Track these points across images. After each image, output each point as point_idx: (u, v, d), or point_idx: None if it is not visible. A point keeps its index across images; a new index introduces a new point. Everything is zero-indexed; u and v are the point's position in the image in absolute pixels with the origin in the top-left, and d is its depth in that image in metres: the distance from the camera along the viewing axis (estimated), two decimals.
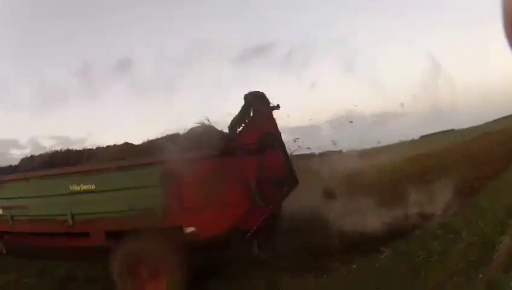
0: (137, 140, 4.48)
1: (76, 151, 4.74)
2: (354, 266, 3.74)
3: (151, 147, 4.22)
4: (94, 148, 4.76)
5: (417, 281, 2.89)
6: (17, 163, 4.85)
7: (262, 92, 3.84)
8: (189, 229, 3.51)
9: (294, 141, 4.51)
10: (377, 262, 3.65)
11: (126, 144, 4.71)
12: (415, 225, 4.54)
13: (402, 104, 5.82)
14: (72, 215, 3.82)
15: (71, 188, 3.81)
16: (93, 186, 3.75)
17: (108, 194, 3.71)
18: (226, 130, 4.31)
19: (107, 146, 4.76)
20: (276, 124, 3.83)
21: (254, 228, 3.52)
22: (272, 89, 4.01)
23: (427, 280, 2.84)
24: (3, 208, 4.17)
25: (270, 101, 3.81)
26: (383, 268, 3.45)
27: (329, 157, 5.95)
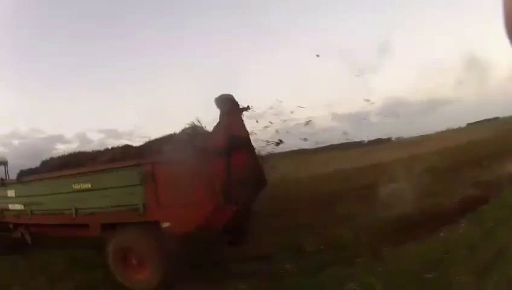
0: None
1: (85, 153, 5.49)
2: (442, 234, 4.25)
3: (145, 149, 4.76)
4: (102, 149, 5.48)
5: (490, 243, 3.45)
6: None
7: (231, 95, 4.09)
8: (165, 224, 3.90)
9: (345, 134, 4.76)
10: (459, 229, 4.26)
11: (126, 146, 5.34)
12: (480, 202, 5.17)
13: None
14: (76, 210, 4.48)
15: (74, 187, 4.48)
16: (89, 185, 4.37)
17: (101, 192, 4.29)
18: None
19: (112, 148, 5.45)
20: (244, 126, 4.07)
21: (221, 226, 3.82)
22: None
23: (496, 241, 3.40)
24: (24, 204, 5.05)
25: (238, 103, 4.07)
26: (465, 235, 4.01)
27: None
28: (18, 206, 5.25)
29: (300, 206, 7.35)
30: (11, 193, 5.36)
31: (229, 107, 3.96)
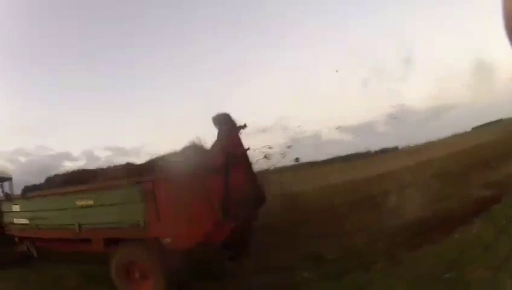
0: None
1: (89, 170, 5.57)
2: (456, 236, 4.38)
3: (147, 167, 4.79)
4: (105, 167, 5.53)
5: (503, 240, 3.65)
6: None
7: (228, 114, 4.11)
8: (167, 240, 3.98)
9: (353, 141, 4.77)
10: (473, 229, 4.40)
11: (128, 164, 5.38)
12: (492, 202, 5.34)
13: None
14: (79, 225, 4.58)
15: (77, 203, 4.57)
16: (92, 202, 4.45)
17: (103, 209, 4.37)
18: None
19: (114, 166, 5.49)
20: (241, 144, 4.08)
21: (220, 241, 3.85)
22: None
23: (510, 238, 3.64)
24: (29, 219, 5.16)
25: (235, 122, 4.08)
26: (479, 235, 4.15)
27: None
28: (23, 221, 5.39)
29: (314, 217, 7.52)
30: (16, 207, 5.52)
31: (226, 126, 3.99)
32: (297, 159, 5.05)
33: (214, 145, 4.13)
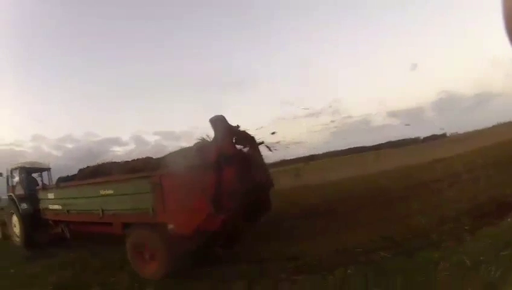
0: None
1: (115, 163, 6.48)
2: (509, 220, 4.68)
3: (163, 161, 5.47)
4: (130, 160, 6.39)
5: None
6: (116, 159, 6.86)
7: (222, 116, 4.68)
8: (170, 226, 4.65)
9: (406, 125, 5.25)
10: None
11: (147, 158, 6.20)
12: None
13: None
14: (102, 210, 5.46)
15: (101, 192, 5.46)
16: (112, 191, 5.31)
17: (121, 197, 5.21)
18: None
19: (137, 159, 6.34)
20: (233, 144, 4.67)
21: (212, 230, 4.44)
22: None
23: None
24: (62, 205, 6.19)
25: (228, 123, 4.67)
26: None
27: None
28: (56, 207, 6.47)
29: (376, 200, 8.32)
30: (51, 195, 6.62)
31: (221, 127, 4.54)
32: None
33: (208, 145, 4.70)
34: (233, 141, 4.93)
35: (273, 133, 5.70)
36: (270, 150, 5.71)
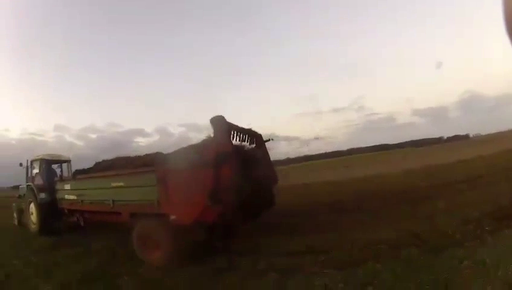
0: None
1: (129, 157, 6.98)
2: None
3: (172, 156, 5.84)
4: (141, 155, 6.83)
5: None
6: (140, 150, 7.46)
7: (222, 116, 4.99)
8: (173, 217, 5.06)
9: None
10: None
11: (158, 153, 6.63)
12: None
13: None
14: (113, 201, 5.97)
15: (112, 184, 5.97)
16: (122, 184, 5.80)
17: (129, 189, 5.69)
18: None
19: (148, 153, 6.75)
20: (231, 143, 5.03)
21: (210, 222, 4.82)
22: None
23: None
24: (77, 195, 6.76)
25: (227, 123, 5.02)
26: None
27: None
28: (72, 197, 7.08)
29: (401, 198, 8.62)
30: (67, 186, 7.27)
31: (219, 127, 4.89)
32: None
33: (207, 143, 5.02)
34: (232, 139, 5.28)
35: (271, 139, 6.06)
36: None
